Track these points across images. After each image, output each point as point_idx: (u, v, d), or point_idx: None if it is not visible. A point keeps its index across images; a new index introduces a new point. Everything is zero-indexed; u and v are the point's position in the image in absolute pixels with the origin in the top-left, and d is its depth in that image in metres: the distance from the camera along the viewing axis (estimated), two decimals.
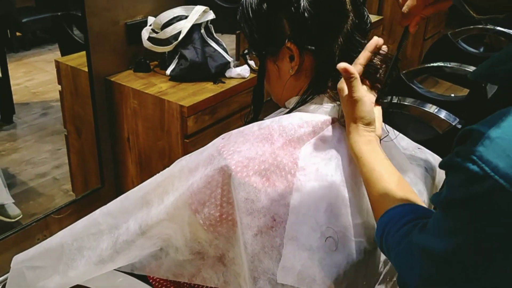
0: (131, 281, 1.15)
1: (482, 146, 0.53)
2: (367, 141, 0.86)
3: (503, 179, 0.52)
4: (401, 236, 0.73)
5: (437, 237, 0.62)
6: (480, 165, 0.53)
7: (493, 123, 0.54)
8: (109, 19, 2.05)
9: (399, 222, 0.75)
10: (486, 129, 0.54)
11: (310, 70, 0.93)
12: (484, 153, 0.53)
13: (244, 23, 0.95)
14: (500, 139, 0.53)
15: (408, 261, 0.68)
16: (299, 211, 0.84)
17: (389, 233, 0.76)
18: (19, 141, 2.60)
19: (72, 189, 2.38)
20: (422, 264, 0.64)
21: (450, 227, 0.60)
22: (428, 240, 0.64)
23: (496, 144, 0.53)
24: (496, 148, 0.53)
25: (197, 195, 0.88)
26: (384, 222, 0.78)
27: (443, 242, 0.61)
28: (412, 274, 0.66)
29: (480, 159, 0.53)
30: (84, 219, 1.03)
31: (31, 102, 2.76)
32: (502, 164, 0.52)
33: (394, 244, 0.74)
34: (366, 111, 0.86)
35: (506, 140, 0.52)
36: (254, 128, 0.90)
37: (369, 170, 0.84)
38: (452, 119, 2.20)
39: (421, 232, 0.67)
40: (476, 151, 0.54)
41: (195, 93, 1.98)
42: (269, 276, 0.84)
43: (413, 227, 0.71)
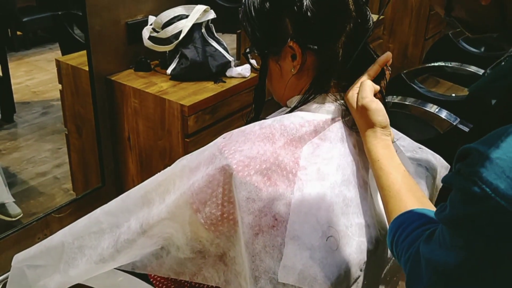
0: (132, 280, 1.15)
1: (483, 167, 0.54)
2: (385, 145, 0.88)
3: (504, 200, 0.53)
4: (410, 243, 0.73)
5: (442, 250, 0.63)
6: (480, 186, 0.54)
7: (492, 143, 0.55)
8: (110, 19, 2.05)
9: (408, 228, 0.76)
10: (486, 149, 0.55)
11: (312, 70, 0.93)
12: (485, 174, 0.54)
13: (247, 22, 0.95)
14: (500, 160, 0.53)
15: (416, 270, 0.69)
16: (300, 210, 0.84)
17: (399, 239, 0.77)
18: (20, 140, 2.60)
19: (72, 188, 2.38)
20: (428, 276, 0.65)
21: (455, 242, 0.61)
22: (434, 252, 0.65)
23: (496, 165, 0.53)
24: (496, 169, 0.53)
25: (198, 195, 0.88)
26: (395, 227, 0.79)
27: (448, 256, 0.62)
28: (420, 283, 0.67)
29: (481, 180, 0.54)
30: (85, 218, 1.03)
31: (32, 101, 2.76)
32: (502, 186, 0.53)
33: (404, 251, 0.74)
34: (382, 114, 0.88)
35: (506, 161, 0.53)
36: (255, 128, 0.90)
37: (386, 174, 0.85)
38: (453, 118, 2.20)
39: (427, 242, 0.68)
40: (476, 171, 0.55)
41: (196, 93, 1.98)
42: (270, 276, 0.83)
43: (421, 234, 0.72)
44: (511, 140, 0.54)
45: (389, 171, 0.85)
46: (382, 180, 0.85)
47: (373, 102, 0.87)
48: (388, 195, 0.84)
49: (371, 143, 0.88)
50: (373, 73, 0.92)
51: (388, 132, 0.89)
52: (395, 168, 0.85)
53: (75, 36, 2.43)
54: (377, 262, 0.94)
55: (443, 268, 0.63)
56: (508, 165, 0.53)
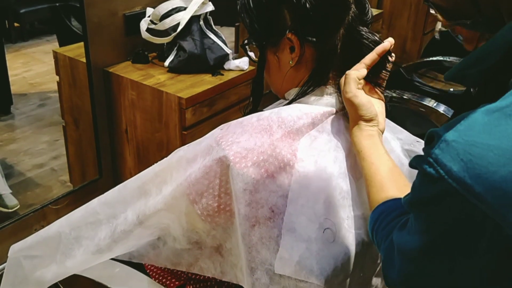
0: (128, 270, 1.15)
1: (438, 148, 0.54)
2: (367, 136, 0.88)
3: (456, 182, 0.53)
4: (388, 231, 0.74)
5: (409, 235, 0.64)
6: (435, 168, 0.54)
7: (451, 127, 0.55)
8: (107, 10, 2.04)
9: (388, 217, 0.77)
10: (444, 132, 0.55)
11: (310, 62, 0.92)
12: (440, 156, 0.54)
13: (245, 13, 0.94)
14: (455, 142, 0.53)
15: (390, 257, 0.70)
16: (297, 202, 0.84)
17: (379, 227, 0.77)
18: (17, 132, 2.60)
19: (69, 180, 2.38)
20: (399, 262, 0.66)
21: (416, 226, 0.62)
22: (403, 238, 0.66)
23: (451, 147, 0.53)
24: (451, 152, 0.53)
25: (195, 186, 0.88)
26: (375, 216, 0.80)
27: (413, 241, 0.63)
28: (393, 270, 0.68)
29: (436, 161, 0.54)
30: (82, 208, 1.03)
31: (29, 93, 2.75)
32: (455, 168, 0.53)
33: (383, 239, 0.75)
34: (364, 108, 0.87)
35: (461, 144, 0.53)
36: (253, 119, 0.90)
37: (368, 164, 0.85)
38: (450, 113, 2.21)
39: (400, 230, 0.68)
40: (432, 153, 0.55)
41: (194, 85, 1.97)
42: (267, 267, 0.84)
43: (398, 223, 0.72)
44: (468, 124, 0.54)
45: (372, 161, 0.85)
46: (365, 170, 0.86)
47: (355, 97, 0.87)
48: (370, 185, 0.84)
49: (355, 135, 0.89)
50: (369, 62, 0.90)
51: (374, 123, 0.89)
52: (378, 158, 0.85)
53: (72, 27, 2.42)
54: (373, 254, 0.94)
55: (409, 253, 0.63)
56: (463, 147, 0.53)
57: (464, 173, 0.52)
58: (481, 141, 0.52)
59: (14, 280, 1.10)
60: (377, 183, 0.83)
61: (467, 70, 0.65)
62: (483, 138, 0.52)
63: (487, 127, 0.53)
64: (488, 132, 0.52)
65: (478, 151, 0.52)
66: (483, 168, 0.51)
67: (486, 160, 0.51)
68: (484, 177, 0.51)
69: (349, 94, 0.87)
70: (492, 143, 0.52)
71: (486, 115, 0.53)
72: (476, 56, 0.64)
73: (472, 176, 0.52)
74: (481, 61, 0.63)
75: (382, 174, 0.83)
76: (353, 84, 0.87)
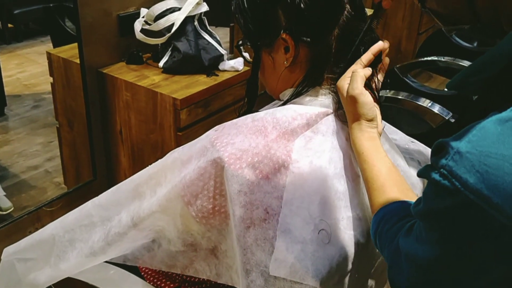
0: (122, 273, 1.14)
1: (452, 160, 0.54)
2: (369, 138, 0.87)
3: (473, 194, 0.53)
4: (392, 235, 0.74)
5: (419, 244, 0.64)
6: (450, 180, 0.54)
7: (463, 138, 0.55)
8: (101, 11, 2.03)
9: (391, 220, 0.76)
10: (457, 144, 0.55)
11: (305, 62, 0.92)
12: (454, 168, 0.54)
13: (239, 14, 0.94)
14: (470, 154, 0.53)
15: (397, 263, 0.69)
16: (292, 203, 0.84)
17: (382, 231, 0.77)
18: (11, 133, 2.58)
19: (64, 182, 2.37)
20: (408, 269, 0.66)
21: (429, 236, 0.62)
22: (411, 245, 0.66)
23: (466, 159, 0.53)
24: (466, 163, 0.53)
25: (189, 187, 0.88)
26: (378, 219, 0.79)
27: (424, 250, 0.62)
28: (402, 276, 0.67)
29: (451, 174, 0.54)
30: (76, 211, 1.02)
31: (23, 94, 2.74)
32: (471, 180, 0.53)
33: (387, 243, 0.75)
34: (368, 107, 0.87)
35: (475, 155, 0.53)
36: (247, 120, 0.90)
37: (370, 166, 0.85)
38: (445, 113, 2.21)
39: (406, 236, 0.68)
40: (446, 165, 0.55)
41: (188, 86, 1.97)
42: (262, 269, 0.83)
43: (402, 226, 0.72)
44: (480, 134, 0.54)
45: (373, 163, 0.85)
46: (367, 172, 0.85)
47: (362, 95, 0.86)
48: (372, 188, 0.84)
49: (356, 135, 0.88)
50: (366, 62, 0.90)
51: (374, 124, 0.88)
52: (379, 160, 0.85)
53: (66, 28, 2.42)
54: (368, 255, 0.94)
55: (420, 261, 0.63)
56: (478, 159, 0.53)
57: (481, 184, 0.52)
58: (496, 151, 0.52)
59: (7, 283, 1.09)
60: (379, 186, 0.83)
61: (469, 79, 0.65)
62: (497, 149, 0.52)
63: (501, 137, 0.53)
64: (502, 142, 0.52)
65: (494, 161, 0.52)
66: (500, 178, 0.51)
67: (502, 170, 0.51)
68: (501, 187, 0.51)
69: (356, 91, 0.86)
70: (506, 153, 0.52)
71: (499, 125, 0.53)
72: (478, 65, 0.64)
73: (489, 187, 0.52)
74: (483, 70, 0.63)
75: (384, 177, 0.83)
76: (360, 82, 0.86)
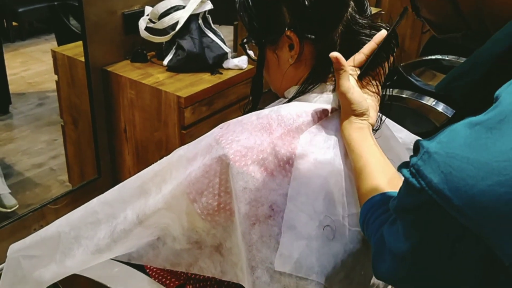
0: (127, 270, 1.14)
1: (421, 160, 0.55)
2: (357, 128, 0.87)
3: (436, 194, 0.53)
4: (379, 225, 0.75)
5: (397, 236, 0.65)
6: (417, 178, 0.55)
7: (435, 139, 0.56)
8: (106, 9, 2.03)
9: (378, 210, 0.77)
10: (428, 144, 0.55)
11: (310, 59, 0.92)
12: (422, 167, 0.55)
13: (244, 12, 0.94)
14: (437, 154, 0.54)
15: (381, 252, 0.71)
16: (297, 200, 0.84)
17: (369, 221, 0.78)
18: (15, 131, 2.59)
19: (68, 180, 2.38)
20: (389, 258, 0.67)
21: (403, 230, 0.63)
22: (392, 237, 0.67)
23: (433, 159, 0.54)
24: (432, 164, 0.54)
25: (195, 185, 0.88)
26: (366, 209, 0.80)
27: (400, 243, 0.64)
28: (384, 264, 0.69)
29: (418, 172, 0.55)
30: (82, 208, 1.02)
31: (27, 92, 2.75)
32: (435, 180, 0.53)
33: (373, 232, 0.76)
34: (355, 103, 0.87)
35: (442, 156, 0.53)
36: (252, 118, 0.90)
37: (357, 156, 0.86)
38: (449, 112, 2.21)
39: (390, 226, 0.69)
40: (415, 164, 0.56)
41: (192, 84, 1.97)
42: (267, 265, 0.83)
43: (389, 217, 0.73)
44: (450, 136, 0.54)
45: (361, 153, 0.85)
46: (354, 162, 0.86)
47: (348, 92, 0.87)
48: (360, 177, 0.84)
49: (345, 126, 0.89)
50: (368, 51, 0.90)
51: (364, 118, 0.88)
52: (366, 150, 0.85)
53: (71, 26, 2.42)
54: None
55: (397, 253, 0.65)
56: (444, 160, 0.53)
57: (444, 185, 0.52)
58: (462, 154, 0.52)
59: (13, 280, 1.09)
60: (366, 176, 0.83)
61: (455, 83, 0.66)
62: (463, 151, 0.52)
63: (468, 140, 0.53)
64: (469, 145, 0.52)
65: (458, 163, 0.52)
66: (462, 181, 0.51)
67: (465, 173, 0.51)
68: (462, 190, 0.51)
69: (341, 88, 0.87)
70: (471, 157, 0.52)
71: (469, 128, 0.54)
72: (463, 68, 0.65)
73: (451, 189, 0.52)
74: (468, 74, 0.64)
75: (371, 166, 0.84)
76: (346, 78, 0.87)
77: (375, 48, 0.90)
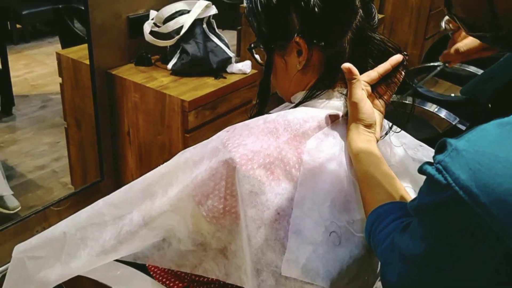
0: (131, 272, 1.15)
1: (449, 157, 0.55)
2: (365, 140, 0.88)
3: (463, 190, 0.53)
4: (387, 233, 0.75)
5: (412, 240, 0.65)
6: (444, 175, 0.55)
7: (463, 138, 0.56)
8: (111, 13, 2.04)
9: (386, 219, 0.77)
10: (456, 142, 0.56)
11: (317, 65, 0.93)
12: (449, 164, 0.55)
13: (252, 17, 0.95)
14: (466, 152, 0.54)
15: (389, 260, 0.70)
16: (303, 205, 0.84)
17: (377, 230, 0.78)
18: (18, 133, 2.60)
19: (71, 182, 2.38)
20: (400, 265, 0.67)
21: (420, 232, 0.63)
22: (405, 242, 0.66)
23: (461, 156, 0.54)
24: (461, 160, 0.54)
25: (201, 187, 0.88)
26: (372, 218, 0.80)
27: (415, 245, 0.63)
28: (394, 272, 0.68)
29: (445, 169, 0.55)
30: (87, 209, 1.03)
31: (31, 94, 2.76)
32: (463, 176, 0.53)
33: (381, 241, 0.75)
34: (366, 113, 0.88)
35: (471, 153, 0.54)
36: (259, 122, 0.90)
37: (365, 167, 0.86)
38: (452, 118, 2.21)
39: (401, 233, 0.69)
40: (443, 161, 0.56)
41: (196, 88, 1.98)
42: (272, 269, 0.84)
43: (397, 226, 0.73)
44: (480, 135, 0.55)
45: (369, 164, 0.86)
46: (361, 173, 0.86)
47: (361, 101, 0.88)
48: (367, 188, 0.85)
49: (352, 137, 0.89)
50: (382, 71, 0.92)
51: (372, 131, 0.90)
52: (374, 161, 0.86)
53: (75, 29, 2.43)
54: (377, 258, 0.94)
55: (411, 257, 0.64)
56: (472, 157, 0.53)
57: (471, 182, 0.53)
58: (491, 152, 0.53)
59: (17, 280, 1.10)
60: (373, 186, 0.84)
61: (481, 86, 0.67)
62: (493, 149, 0.53)
63: (498, 139, 0.53)
64: (499, 144, 0.53)
65: (487, 161, 0.52)
66: (490, 178, 0.52)
67: (494, 171, 0.52)
68: (490, 187, 0.52)
69: (354, 97, 0.88)
70: (501, 155, 0.52)
71: (499, 127, 0.54)
72: (490, 73, 0.65)
73: (479, 186, 0.52)
74: (494, 78, 0.65)
75: (378, 178, 0.84)
76: (359, 87, 0.88)
77: (389, 69, 0.92)
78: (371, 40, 0.93)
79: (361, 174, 0.86)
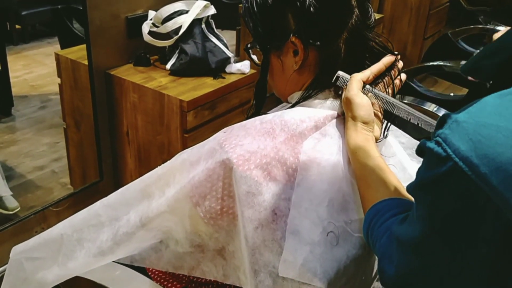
0: (129, 273, 1.15)
1: (449, 129, 0.54)
2: (363, 139, 0.88)
3: (462, 161, 0.52)
4: (385, 228, 0.74)
5: (410, 225, 0.63)
6: (443, 147, 0.54)
7: (463, 110, 0.55)
8: (110, 13, 2.04)
9: (385, 215, 0.77)
10: (456, 114, 0.55)
11: (314, 65, 0.93)
12: (449, 136, 0.54)
13: (249, 17, 0.95)
14: (466, 123, 0.53)
15: (388, 252, 0.70)
16: (300, 205, 0.84)
17: (375, 226, 0.77)
18: (18, 134, 2.60)
19: (70, 182, 2.38)
20: (399, 254, 0.66)
21: (419, 213, 0.61)
22: (403, 230, 0.65)
23: (461, 127, 0.53)
24: (461, 132, 0.53)
25: (198, 188, 0.88)
26: (371, 215, 0.80)
27: (414, 230, 0.62)
28: (392, 264, 0.67)
29: (445, 141, 0.54)
30: (84, 211, 1.02)
31: (30, 95, 2.76)
32: (463, 147, 0.52)
33: (379, 236, 0.75)
34: (363, 111, 0.88)
35: (471, 124, 0.53)
36: (256, 122, 0.90)
37: (363, 165, 0.86)
38: None
39: (400, 224, 0.68)
40: (442, 133, 0.55)
41: (195, 88, 1.98)
42: (270, 269, 0.84)
43: (396, 220, 0.73)
44: (480, 106, 0.54)
45: (367, 162, 0.85)
46: (359, 171, 0.86)
47: (357, 97, 0.88)
48: (365, 185, 0.84)
49: (351, 135, 0.88)
50: (376, 71, 0.92)
51: (370, 128, 0.89)
52: (372, 159, 0.86)
53: (74, 30, 2.43)
54: (375, 258, 0.94)
55: (409, 242, 0.63)
56: (473, 128, 0.53)
57: (472, 152, 0.52)
58: (492, 122, 0.52)
59: (15, 281, 1.09)
60: (371, 184, 0.84)
61: (481, 62, 0.65)
62: (493, 120, 0.52)
63: (498, 109, 0.53)
64: (499, 114, 0.52)
65: (488, 131, 0.52)
66: (491, 148, 0.51)
67: (495, 141, 0.51)
68: (490, 157, 0.51)
69: (350, 92, 0.88)
70: (502, 125, 0.51)
71: (499, 98, 0.53)
72: (491, 49, 0.64)
73: (479, 156, 0.51)
74: (495, 54, 0.64)
75: (377, 175, 0.84)
76: (355, 84, 0.88)
77: (383, 69, 0.93)
78: (367, 40, 0.93)
79: (359, 171, 0.86)
